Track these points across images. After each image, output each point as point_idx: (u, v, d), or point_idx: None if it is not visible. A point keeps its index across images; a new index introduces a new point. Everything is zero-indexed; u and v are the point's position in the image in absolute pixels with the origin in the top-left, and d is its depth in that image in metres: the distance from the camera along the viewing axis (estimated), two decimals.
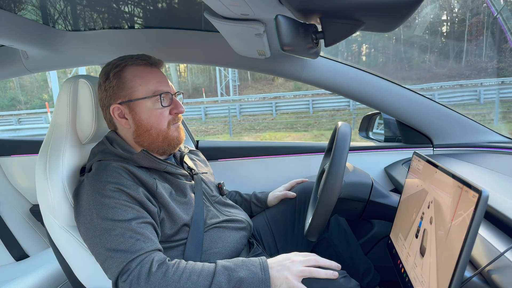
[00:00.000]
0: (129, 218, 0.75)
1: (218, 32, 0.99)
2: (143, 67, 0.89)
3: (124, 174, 0.81)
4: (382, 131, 1.46)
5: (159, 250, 0.76)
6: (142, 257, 0.72)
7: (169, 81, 0.95)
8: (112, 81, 0.88)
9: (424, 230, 0.64)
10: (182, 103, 0.96)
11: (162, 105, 0.88)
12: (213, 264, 0.74)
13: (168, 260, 0.73)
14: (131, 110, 0.88)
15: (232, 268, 0.72)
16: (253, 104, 15.47)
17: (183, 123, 1.51)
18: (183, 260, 0.75)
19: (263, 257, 0.76)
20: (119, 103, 0.88)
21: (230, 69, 22.01)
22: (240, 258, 0.76)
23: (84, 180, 0.84)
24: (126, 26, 1.23)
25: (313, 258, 0.77)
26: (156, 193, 0.83)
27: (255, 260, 0.75)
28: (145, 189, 0.83)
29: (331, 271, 0.75)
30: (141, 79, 0.88)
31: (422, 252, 0.63)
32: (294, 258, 0.76)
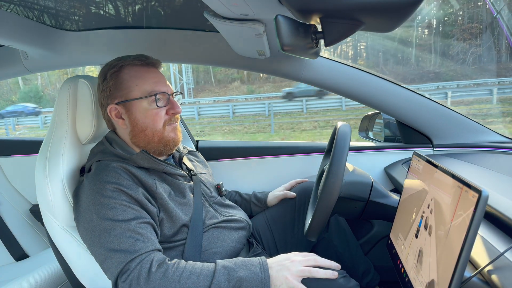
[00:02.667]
0: (128, 218, 0.75)
1: (218, 32, 0.99)
2: (140, 67, 0.90)
3: (123, 174, 0.81)
4: (382, 131, 1.46)
5: (159, 250, 0.76)
6: (141, 257, 0.72)
7: (167, 81, 0.95)
8: (109, 81, 0.88)
9: (427, 223, 0.64)
10: (181, 103, 0.96)
11: (157, 106, 0.88)
12: (213, 264, 0.74)
13: (168, 260, 0.73)
14: (127, 110, 0.88)
15: (232, 268, 0.72)
16: None
17: (182, 123, 1.51)
18: (183, 260, 0.75)
19: (263, 257, 0.76)
20: (116, 103, 0.88)
21: (184, 72, 21.96)
22: (240, 258, 0.76)
23: (84, 180, 0.84)
24: (126, 26, 1.23)
25: (312, 258, 0.77)
26: (155, 193, 0.83)
27: (255, 260, 0.75)
28: (145, 189, 0.83)
29: (331, 271, 0.75)
30: (137, 79, 0.88)
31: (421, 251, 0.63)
32: (293, 258, 0.76)
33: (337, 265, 0.78)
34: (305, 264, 0.75)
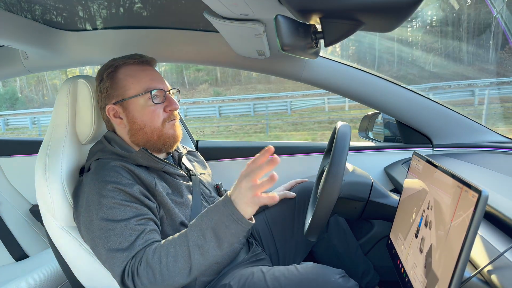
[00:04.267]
0: (128, 217, 0.75)
1: (218, 32, 0.99)
2: (134, 66, 0.90)
3: (123, 173, 0.81)
4: (382, 131, 1.46)
5: (157, 241, 0.76)
6: (138, 253, 0.72)
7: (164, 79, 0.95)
8: (106, 82, 0.89)
9: (427, 223, 0.64)
10: (179, 100, 0.96)
11: (154, 102, 0.88)
12: (184, 229, 0.73)
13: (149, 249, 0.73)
14: (124, 109, 0.89)
15: (199, 223, 0.71)
16: None
17: (182, 122, 1.51)
18: (163, 240, 0.74)
19: (226, 194, 0.73)
20: (114, 103, 0.89)
21: None
22: (207, 208, 0.73)
23: (83, 180, 0.84)
24: (126, 26, 1.23)
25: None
26: (155, 190, 0.84)
27: (218, 201, 0.72)
28: (144, 187, 0.83)
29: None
30: (132, 77, 0.88)
31: (421, 250, 0.63)
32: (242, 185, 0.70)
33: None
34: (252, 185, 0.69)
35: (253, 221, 0.70)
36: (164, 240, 0.74)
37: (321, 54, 1.19)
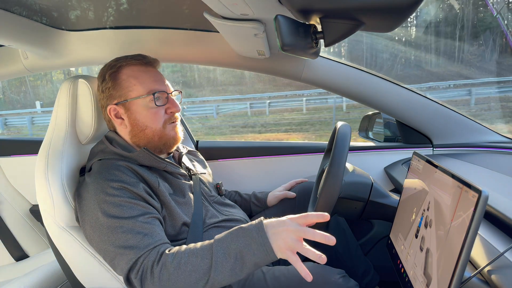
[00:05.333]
0: (135, 214, 0.75)
1: (218, 32, 0.99)
2: (137, 66, 0.90)
3: (127, 172, 0.81)
4: (382, 131, 1.46)
5: (167, 243, 0.76)
6: (149, 252, 0.72)
7: (166, 80, 0.95)
8: (108, 82, 0.88)
9: (427, 223, 0.64)
10: (181, 102, 0.96)
11: (156, 105, 0.88)
12: (211, 241, 0.71)
13: (169, 250, 0.73)
14: (126, 110, 0.89)
15: (228, 240, 0.69)
16: None
17: (182, 122, 1.51)
18: (184, 245, 0.74)
19: (260, 219, 0.71)
20: (115, 104, 0.88)
21: None
22: (238, 227, 0.72)
23: (86, 179, 0.83)
24: (126, 26, 1.23)
25: (304, 231, 0.68)
26: (158, 190, 0.84)
27: (251, 224, 0.71)
28: (147, 186, 0.83)
29: (318, 255, 0.67)
30: (135, 79, 0.88)
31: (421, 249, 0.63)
32: (289, 227, 0.67)
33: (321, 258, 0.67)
34: (299, 235, 0.67)
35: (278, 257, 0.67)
36: (185, 247, 0.72)
37: (321, 54, 1.19)
